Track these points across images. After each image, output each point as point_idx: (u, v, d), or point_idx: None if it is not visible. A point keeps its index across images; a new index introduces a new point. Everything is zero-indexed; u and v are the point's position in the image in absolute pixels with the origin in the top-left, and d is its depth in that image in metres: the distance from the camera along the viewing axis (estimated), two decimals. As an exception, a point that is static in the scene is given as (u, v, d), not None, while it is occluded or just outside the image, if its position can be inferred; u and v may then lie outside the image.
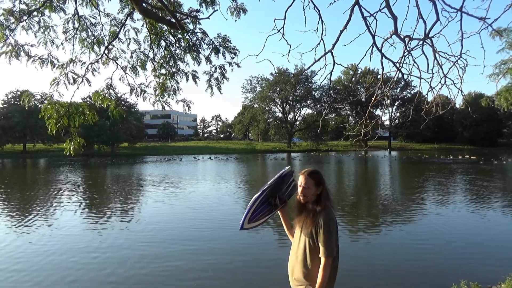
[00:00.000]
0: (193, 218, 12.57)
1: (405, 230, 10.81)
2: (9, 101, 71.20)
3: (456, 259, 8.17)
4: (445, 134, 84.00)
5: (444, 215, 12.60)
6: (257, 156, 58.50)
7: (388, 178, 26.41)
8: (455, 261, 8.03)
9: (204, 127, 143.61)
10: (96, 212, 13.92)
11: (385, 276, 7.28)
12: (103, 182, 24.85)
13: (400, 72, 4.88)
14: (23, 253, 8.73)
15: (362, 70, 71.08)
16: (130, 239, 9.98)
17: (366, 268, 7.69)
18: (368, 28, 4.52)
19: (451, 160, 41.81)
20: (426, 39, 4.52)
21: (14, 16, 5.60)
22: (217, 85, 6.28)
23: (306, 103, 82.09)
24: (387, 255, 8.56)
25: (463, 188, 19.47)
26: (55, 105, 5.56)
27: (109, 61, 6.14)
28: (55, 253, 8.74)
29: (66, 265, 7.86)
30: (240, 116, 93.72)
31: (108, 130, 69.45)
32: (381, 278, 7.14)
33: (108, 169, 36.39)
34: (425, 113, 5.51)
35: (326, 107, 54.77)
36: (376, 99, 5.39)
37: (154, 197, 17.21)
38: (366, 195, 18.28)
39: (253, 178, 26.74)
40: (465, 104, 43.69)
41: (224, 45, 6.08)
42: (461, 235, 10.12)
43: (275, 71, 74.13)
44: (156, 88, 6.36)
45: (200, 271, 7.51)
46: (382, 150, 73.13)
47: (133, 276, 7.25)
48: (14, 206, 15.50)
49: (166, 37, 6.26)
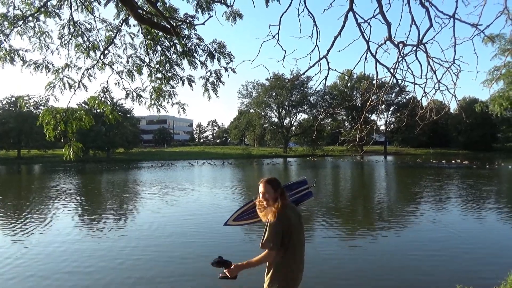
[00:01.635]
0: (186, 225, 12.52)
1: (401, 235, 10.83)
2: (3, 106, 70.77)
3: (451, 263, 8.19)
4: (440, 139, 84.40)
5: (439, 220, 12.63)
6: (253, 161, 58.46)
7: (384, 183, 26.48)
8: (451, 266, 8.05)
9: (200, 132, 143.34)
10: (91, 219, 13.83)
11: (380, 280, 7.28)
12: (97, 189, 24.73)
13: (394, 77, 4.92)
14: (19, 259, 8.66)
15: (357, 76, 71.45)
16: (120, 248, 9.92)
17: (362, 273, 7.68)
18: (362, 34, 4.56)
19: (445, 165, 41.98)
20: (419, 45, 4.57)
21: (9, 21, 5.59)
22: (213, 89, 6.31)
23: (302, 108, 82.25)
24: (382, 260, 8.56)
25: (455, 192, 19.55)
26: (52, 111, 5.55)
27: (105, 66, 6.14)
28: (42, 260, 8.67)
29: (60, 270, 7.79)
30: (236, 121, 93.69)
31: (104, 136, 69.16)
32: (376, 283, 7.14)
33: (104, 175, 36.20)
34: (420, 118, 5.54)
35: (321, 112, 54.93)
36: (371, 104, 5.42)
37: (145, 205, 17.08)
38: (361, 199, 18.30)
39: (248, 184, 26.70)
40: (459, 109, 43.98)
41: (219, 50, 6.11)
42: (457, 240, 10.14)
43: (271, 76, 74.40)
44: (152, 93, 6.37)
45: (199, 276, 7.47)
46: (377, 155, 73.31)
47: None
48: (7, 212, 15.37)
49: (162, 42, 6.27)
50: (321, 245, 9.72)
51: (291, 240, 3.23)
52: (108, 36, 6.14)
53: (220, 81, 6.29)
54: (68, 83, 5.79)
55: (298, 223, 3.38)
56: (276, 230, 3.19)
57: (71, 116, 5.67)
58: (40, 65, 5.78)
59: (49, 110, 5.57)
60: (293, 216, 3.35)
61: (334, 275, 7.57)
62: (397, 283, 7.13)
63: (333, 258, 8.71)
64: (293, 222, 3.29)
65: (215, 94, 6.38)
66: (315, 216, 13.50)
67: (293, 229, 3.26)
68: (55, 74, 5.77)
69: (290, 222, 3.26)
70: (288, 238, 3.22)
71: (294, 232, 3.26)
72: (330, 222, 12.51)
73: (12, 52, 5.62)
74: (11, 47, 5.64)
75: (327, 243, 9.97)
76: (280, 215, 3.24)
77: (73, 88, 5.77)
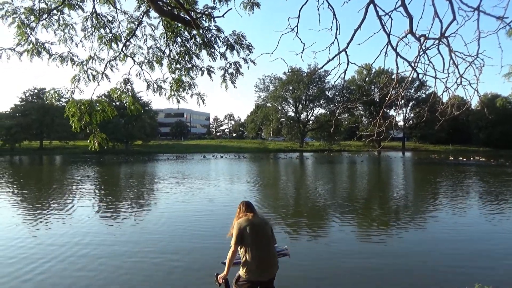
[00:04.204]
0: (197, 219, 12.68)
1: (420, 231, 10.71)
2: (26, 98, 72.63)
3: (471, 261, 8.08)
4: (460, 136, 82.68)
5: (455, 219, 12.44)
6: (270, 156, 58.49)
7: (401, 180, 26.14)
8: (468, 263, 7.94)
9: (217, 126, 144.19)
10: (110, 208, 14.15)
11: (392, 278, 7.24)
12: (116, 180, 25.24)
13: (415, 71, 4.85)
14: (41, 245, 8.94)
15: (376, 70, 70.39)
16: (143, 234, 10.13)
17: (378, 269, 7.66)
18: (383, 27, 4.51)
19: (464, 162, 41.13)
20: (442, 38, 4.49)
21: (34, 14, 5.74)
22: (231, 79, 6.35)
23: (319, 102, 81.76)
24: (399, 257, 8.50)
25: (474, 190, 19.16)
26: (76, 103, 5.72)
27: (127, 57, 6.26)
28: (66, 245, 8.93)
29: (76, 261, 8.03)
30: (253, 115, 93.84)
31: (123, 128, 70.30)
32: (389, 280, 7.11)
33: (122, 167, 36.88)
34: (440, 113, 5.46)
35: (339, 106, 54.41)
36: (390, 99, 5.37)
37: (162, 196, 17.39)
38: (378, 196, 18.14)
39: (264, 179, 26.75)
40: (481, 105, 42.88)
41: (239, 42, 6.13)
42: (478, 238, 9.99)
43: (288, 70, 73.94)
44: (172, 84, 6.45)
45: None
46: (395, 151, 72.35)
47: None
48: (31, 201, 15.87)
49: (182, 34, 6.34)
50: (337, 242, 9.72)
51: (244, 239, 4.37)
52: (129, 28, 6.24)
53: (240, 72, 6.33)
54: (92, 75, 5.93)
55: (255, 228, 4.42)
56: (236, 234, 4.41)
57: (94, 107, 5.83)
58: (66, 58, 5.92)
59: (74, 102, 5.74)
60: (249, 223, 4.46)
61: (349, 271, 7.57)
62: (415, 280, 7.08)
63: (348, 254, 8.70)
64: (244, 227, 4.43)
65: (233, 84, 6.42)
66: (331, 212, 13.49)
67: (245, 232, 4.38)
68: (79, 67, 5.92)
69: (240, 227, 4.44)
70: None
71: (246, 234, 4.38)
72: (346, 218, 12.47)
73: (39, 45, 5.78)
74: (37, 40, 5.79)
75: (343, 240, 9.96)
76: (238, 224, 4.50)
77: (96, 79, 5.91)
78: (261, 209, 13.90)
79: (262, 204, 14.97)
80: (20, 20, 5.64)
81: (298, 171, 33.51)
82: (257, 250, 4.34)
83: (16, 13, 5.63)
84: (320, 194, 17.90)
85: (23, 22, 5.66)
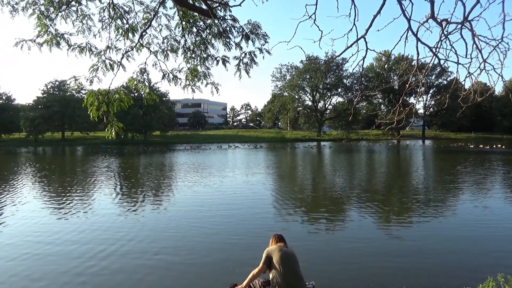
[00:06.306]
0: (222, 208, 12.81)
1: (442, 221, 10.56)
2: (48, 90, 74.23)
3: (490, 251, 7.94)
4: (483, 123, 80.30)
5: (484, 207, 12.21)
6: (287, 145, 58.35)
7: (421, 169, 25.72)
8: (490, 253, 7.80)
9: (234, 116, 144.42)
10: (132, 197, 14.45)
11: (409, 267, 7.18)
12: (137, 170, 25.75)
13: (436, 57, 4.70)
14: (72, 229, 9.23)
15: (396, 57, 68.92)
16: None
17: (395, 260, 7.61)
18: (403, 12, 4.38)
19: (486, 149, 40.11)
20: (465, 22, 4.33)
21: (54, 6, 5.81)
22: (245, 68, 6.31)
23: (336, 91, 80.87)
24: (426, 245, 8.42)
25: (495, 179, 18.70)
26: (95, 93, 5.81)
27: (142, 47, 6.29)
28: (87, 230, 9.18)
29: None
30: (270, 105, 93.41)
31: (141, 119, 71.29)
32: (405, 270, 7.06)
33: (142, 157, 37.49)
34: (462, 100, 5.30)
35: (357, 95, 53.75)
36: (410, 86, 5.24)
37: (183, 186, 17.62)
38: (397, 186, 17.92)
39: (281, 169, 26.75)
40: (505, 91, 41.57)
41: (254, 31, 6.07)
42: (504, 227, 9.79)
43: (306, 58, 73.13)
44: (188, 74, 6.47)
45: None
46: (415, 139, 71.09)
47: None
48: (55, 190, 16.36)
49: (198, 23, 6.32)
50: (359, 231, 9.71)
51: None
52: (145, 18, 6.26)
53: (254, 62, 6.29)
54: (109, 65, 5.99)
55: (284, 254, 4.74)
56: (265, 258, 4.76)
57: (112, 97, 5.91)
58: (84, 48, 5.99)
59: (92, 92, 5.83)
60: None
61: (372, 259, 7.54)
62: (439, 268, 7.01)
63: (370, 242, 8.67)
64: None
65: (247, 73, 6.38)
66: (351, 201, 13.43)
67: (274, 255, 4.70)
68: (97, 57, 6.00)
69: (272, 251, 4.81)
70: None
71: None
72: (368, 208, 12.38)
73: (58, 36, 5.86)
74: (56, 31, 5.88)
75: (363, 229, 9.92)
76: (268, 249, 4.88)
77: (113, 69, 5.98)
78: (281, 200, 13.95)
79: (282, 196, 14.95)
80: (39, 11, 5.72)
81: (316, 160, 33.38)
82: (286, 274, 4.61)
83: (36, 4, 5.72)
84: (339, 185, 17.79)
85: (42, 13, 5.75)
